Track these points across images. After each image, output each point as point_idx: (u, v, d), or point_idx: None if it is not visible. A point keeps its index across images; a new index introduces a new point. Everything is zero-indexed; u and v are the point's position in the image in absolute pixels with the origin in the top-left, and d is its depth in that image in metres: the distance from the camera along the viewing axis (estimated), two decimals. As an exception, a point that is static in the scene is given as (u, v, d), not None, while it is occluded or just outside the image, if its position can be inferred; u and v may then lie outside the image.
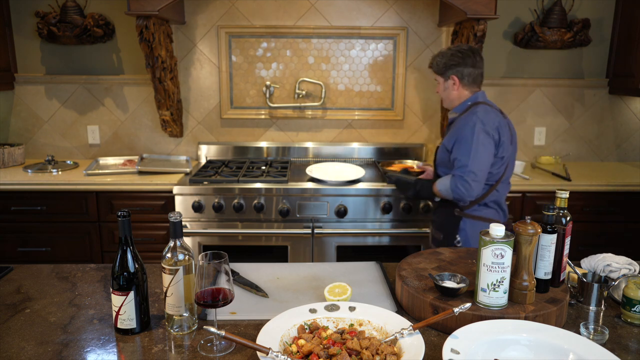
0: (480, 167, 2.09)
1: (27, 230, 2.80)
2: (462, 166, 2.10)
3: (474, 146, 2.07)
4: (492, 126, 2.10)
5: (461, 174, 2.10)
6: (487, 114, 2.12)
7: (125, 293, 1.24)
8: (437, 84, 2.34)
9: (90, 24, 3.03)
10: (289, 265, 1.77)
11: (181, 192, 2.72)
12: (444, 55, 2.25)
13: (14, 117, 3.30)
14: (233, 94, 3.31)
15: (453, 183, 2.13)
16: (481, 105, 2.16)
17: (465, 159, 2.09)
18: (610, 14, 3.25)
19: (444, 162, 2.26)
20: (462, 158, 2.10)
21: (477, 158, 2.08)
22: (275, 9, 3.19)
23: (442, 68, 2.25)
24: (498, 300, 1.27)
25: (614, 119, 3.40)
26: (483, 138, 2.08)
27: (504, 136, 2.12)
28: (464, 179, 2.09)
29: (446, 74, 2.25)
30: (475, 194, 2.11)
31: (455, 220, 2.23)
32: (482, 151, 2.08)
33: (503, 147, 2.13)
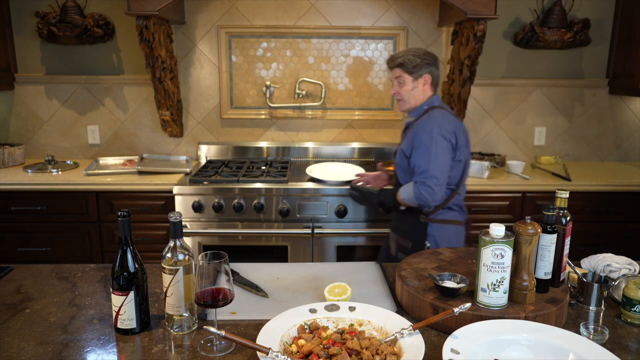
0: (441, 171, 2.08)
1: (27, 230, 2.80)
2: (423, 172, 2.08)
3: (433, 151, 2.06)
4: (449, 130, 2.10)
5: (423, 180, 2.08)
6: (444, 118, 2.12)
7: (125, 293, 1.24)
8: (399, 84, 2.21)
9: (90, 24, 3.03)
10: (289, 265, 1.77)
11: (181, 192, 2.72)
12: (416, 54, 2.17)
13: (14, 117, 3.30)
14: (233, 94, 3.31)
15: (416, 190, 2.09)
16: (437, 109, 2.15)
17: (425, 164, 2.08)
18: (610, 14, 3.25)
19: (403, 168, 2.22)
20: (422, 163, 2.08)
21: (437, 162, 2.07)
22: (275, 9, 3.19)
23: (416, 66, 2.17)
24: (498, 300, 1.27)
25: (614, 119, 3.40)
26: (441, 142, 2.07)
27: (460, 139, 2.13)
28: (427, 184, 2.07)
29: (419, 72, 2.17)
30: (439, 198, 2.09)
31: (422, 226, 2.20)
32: (441, 155, 2.07)
33: (460, 150, 2.14)
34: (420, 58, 2.16)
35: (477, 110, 3.36)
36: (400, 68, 2.18)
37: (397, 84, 2.21)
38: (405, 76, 2.18)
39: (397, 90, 2.22)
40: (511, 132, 3.41)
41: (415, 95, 2.20)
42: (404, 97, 2.22)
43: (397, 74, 2.19)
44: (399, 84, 2.20)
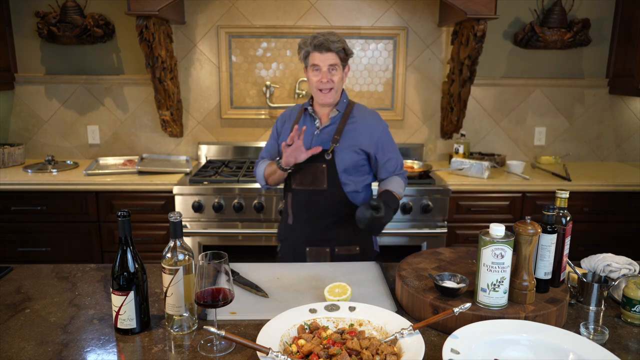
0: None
1: (27, 230, 2.80)
2: (400, 165, 2.04)
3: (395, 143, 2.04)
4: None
5: (403, 172, 2.06)
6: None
7: (125, 293, 1.24)
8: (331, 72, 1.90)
9: (90, 24, 3.03)
10: (289, 265, 1.77)
11: (181, 192, 2.72)
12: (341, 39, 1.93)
13: (14, 117, 3.30)
14: (233, 94, 3.31)
15: (404, 179, 2.04)
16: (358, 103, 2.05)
17: (399, 158, 2.04)
18: (610, 14, 3.25)
19: (355, 167, 1.97)
20: (397, 157, 2.03)
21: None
22: (275, 9, 3.19)
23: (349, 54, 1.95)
24: (498, 300, 1.27)
25: (614, 119, 3.40)
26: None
27: None
28: (405, 176, 2.07)
29: (347, 61, 1.97)
30: None
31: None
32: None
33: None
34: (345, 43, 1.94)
35: (477, 110, 3.36)
36: (337, 54, 1.91)
37: (329, 72, 1.91)
38: (339, 64, 1.93)
39: (330, 78, 1.91)
40: (511, 132, 3.41)
41: (342, 87, 1.99)
42: (336, 86, 1.93)
43: (331, 60, 1.90)
44: (331, 72, 1.91)
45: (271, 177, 2.00)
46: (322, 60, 1.90)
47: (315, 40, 1.90)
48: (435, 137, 3.41)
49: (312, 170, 1.95)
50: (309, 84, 1.96)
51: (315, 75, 1.93)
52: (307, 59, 1.95)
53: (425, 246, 2.81)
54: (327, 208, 1.97)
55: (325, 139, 1.97)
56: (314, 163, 1.93)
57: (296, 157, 1.86)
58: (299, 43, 1.96)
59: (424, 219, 2.77)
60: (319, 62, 1.90)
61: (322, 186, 1.96)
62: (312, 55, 1.92)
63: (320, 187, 1.96)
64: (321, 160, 1.94)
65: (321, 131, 1.98)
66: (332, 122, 1.98)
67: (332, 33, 1.94)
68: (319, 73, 1.91)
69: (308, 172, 1.95)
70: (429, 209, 2.75)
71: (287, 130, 2.03)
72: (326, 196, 1.96)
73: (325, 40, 1.89)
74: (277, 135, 2.10)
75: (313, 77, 1.93)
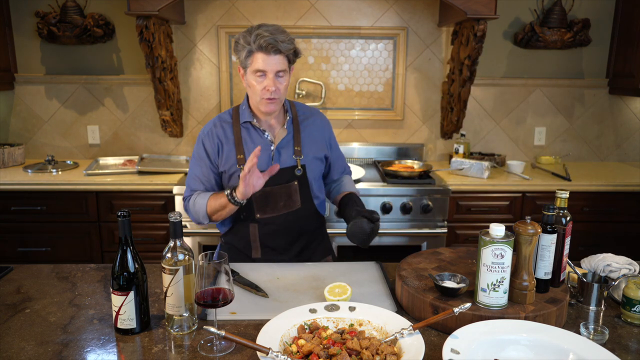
0: None
1: (27, 230, 2.80)
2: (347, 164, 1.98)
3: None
4: None
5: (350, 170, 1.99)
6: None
7: (125, 293, 1.24)
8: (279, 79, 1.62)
9: (90, 24, 3.03)
10: (289, 265, 1.77)
11: (181, 192, 2.72)
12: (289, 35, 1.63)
13: (14, 117, 3.30)
14: (233, 94, 3.31)
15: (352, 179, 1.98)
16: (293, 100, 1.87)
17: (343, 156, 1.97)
18: (610, 14, 3.25)
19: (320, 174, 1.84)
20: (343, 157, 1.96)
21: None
22: (275, 9, 3.19)
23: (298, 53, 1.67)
24: (498, 300, 1.27)
25: (614, 119, 3.40)
26: None
27: None
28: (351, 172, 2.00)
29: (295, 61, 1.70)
30: None
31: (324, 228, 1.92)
32: None
33: None
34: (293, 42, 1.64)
35: (477, 110, 3.36)
36: (286, 57, 1.61)
37: (276, 78, 1.61)
38: (287, 69, 1.64)
39: (277, 87, 1.62)
40: (511, 132, 3.41)
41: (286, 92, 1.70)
42: (281, 95, 1.65)
43: (280, 65, 1.59)
44: (279, 79, 1.62)
45: (218, 213, 1.68)
46: (269, 65, 1.58)
47: (261, 39, 1.55)
48: (435, 137, 3.41)
49: (284, 192, 1.71)
50: (249, 89, 1.66)
51: (259, 82, 1.61)
52: (248, 60, 1.61)
53: (425, 246, 2.81)
54: (301, 228, 1.76)
55: (285, 153, 1.72)
56: (283, 184, 1.70)
57: (254, 185, 1.55)
58: (237, 37, 1.62)
59: (424, 219, 2.77)
60: (264, 66, 1.58)
61: (295, 206, 1.74)
62: (255, 56, 1.59)
63: (294, 207, 1.73)
64: (291, 178, 1.71)
65: (278, 146, 1.72)
66: (288, 132, 1.74)
67: (278, 28, 1.59)
68: (264, 80, 1.60)
69: (279, 196, 1.71)
70: (429, 209, 2.75)
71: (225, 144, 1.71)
72: (299, 215, 1.75)
73: (273, 41, 1.55)
74: (209, 161, 1.73)
75: (256, 83, 1.62)
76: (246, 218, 1.75)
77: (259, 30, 1.56)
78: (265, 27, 1.58)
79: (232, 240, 1.83)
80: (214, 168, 1.74)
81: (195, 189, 1.77)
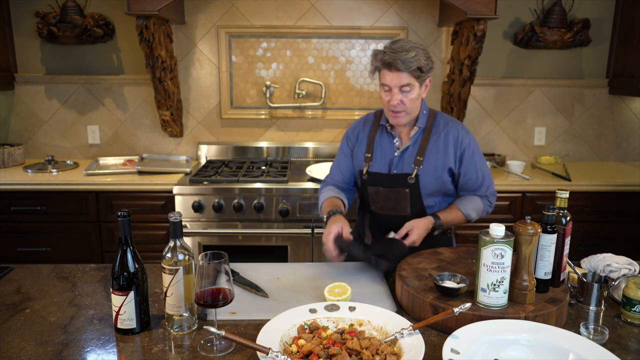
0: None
1: (27, 230, 2.80)
2: (490, 184, 1.86)
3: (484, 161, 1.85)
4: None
5: (493, 193, 1.88)
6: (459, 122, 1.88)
7: (125, 293, 1.24)
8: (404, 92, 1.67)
9: (90, 24, 3.03)
10: (289, 265, 1.77)
11: (181, 192, 2.72)
12: (424, 52, 1.68)
13: (14, 117, 3.30)
14: (233, 94, 3.31)
15: (486, 203, 1.86)
16: (438, 112, 1.87)
17: (489, 177, 1.85)
18: (610, 14, 3.25)
19: (440, 189, 1.82)
20: (487, 176, 1.84)
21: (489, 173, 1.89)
22: (275, 9, 3.19)
23: (429, 70, 1.70)
24: (498, 300, 1.27)
25: (614, 119, 3.40)
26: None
27: None
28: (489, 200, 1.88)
29: (427, 76, 1.72)
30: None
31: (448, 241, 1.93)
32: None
33: None
34: (428, 57, 1.69)
35: (477, 110, 3.36)
36: (411, 73, 1.65)
37: (400, 92, 1.67)
38: (415, 83, 1.68)
39: (401, 100, 1.69)
40: (511, 132, 3.41)
41: (418, 104, 1.77)
42: (407, 108, 1.71)
43: (403, 80, 1.65)
44: (404, 92, 1.68)
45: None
46: (392, 80, 1.66)
47: (385, 56, 1.63)
48: (435, 137, 3.40)
49: (394, 196, 1.78)
50: (381, 101, 1.76)
51: (385, 95, 1.71)
52: (377, 75, 1.73)
53: (425, 246, 2.81)
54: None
55: (407, 160, 1.78)
56: (395, 188, 1.77)
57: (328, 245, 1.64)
58: (371, 54, 1.72)
59: (424, 219, 2.77)
60: (388, 82, 1.67)
61: (405, 212, 1.80)
62: (382, 72, 1.69)
63: (403, 212, 1.79)
64: (403, 185, 1.76)
65: (402, 153, 1.79)
66: (413, 142, 1.78)
67: (405, 46, 1.62)
68: (389, 94, 1.69)
69: (389, 197, 1.79)
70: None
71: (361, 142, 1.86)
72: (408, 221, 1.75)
73: (394, 59, 1.61)
74: (349, 150, 1.89)
75: (383, 95, 1.72)
76: (363, 205, 1.94)
77: (385, 48, 1.67)
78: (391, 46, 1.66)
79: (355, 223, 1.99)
80: (351, 161, 1.91)
81: (331, 178, 1.97)
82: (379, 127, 1.87)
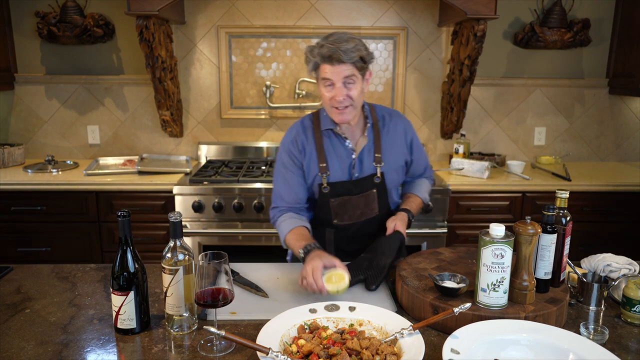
0: None
1: (27, 230, 2.80)
2: (428, 166, 1.90)
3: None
4: None
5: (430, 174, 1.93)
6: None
7: (125, 293, 1.24)
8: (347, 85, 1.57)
9: (90, 24, 3.03)
10: (289, 265, 1.77)
11: (181, 192, 2.72)
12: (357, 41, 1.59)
13: (14, 117, 3.30)
14: (233, 94, 3.31)
15: (431, 182, 1.91)
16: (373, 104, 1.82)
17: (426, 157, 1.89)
18: (610, 14, 3.25)
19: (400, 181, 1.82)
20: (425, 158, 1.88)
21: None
22: (275, 9, 3.19)
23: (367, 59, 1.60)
24: (498, 300, 1.27)
25: (614, 119, 3.40)
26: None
27: None
28: (432, 178, 1.95)
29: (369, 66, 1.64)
30: None
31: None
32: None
33: None
34: (367, 48, 1.62)
35: (477, 110, 3.36)
36: (354, 65, 1.56)
37: (344, 86, 1.57)
38: (358, 75, 1.59)
39: (347, 94, 1.58)
40: (511, 132, 3.41)
41: (362, 99, 1.67)
42: (354, 102, 1.61)
43: (346, 72, 1.55)
44: (347, 86, 1.58)
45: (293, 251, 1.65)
46: (335, 74, 1.55)
47: (324, 50, 1.53)
48: (435, 137, 3.41)
49: (362, 201, 1.70)
50: (322, 99, 1.64)
51: (328, 91, 1.59)
52: (317, 71, 1.61)
53: (425, 246, 2.81)
54: (377, 233, 1.73)
55: (366, 161, 1.71)
56: (363, 193, 1.69)
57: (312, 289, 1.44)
58: (305, 51, 1.62)
59: (424, 219, 2.77)
60: (330, 76, 1.56)
61: (373, 213, 1.74)
62: (321, 67, 1.58)
63: (371, 215, 1.73)
64: (370, 186, 1.70)
65: (360, 154, 1.70)
66: (369, 139, 1.71)
67: (343, 37, 1.55)
68: (332, 89, 1.58)
69: (357, 204, 1.70)
70: (429, 209, 2.75)
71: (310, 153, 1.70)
72: (376, 222, 1.74)
73: (335, 51, 1.52)
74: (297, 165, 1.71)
75: (325, 92, 1.60)
76: (323, 223, 1.76)
77: (322, 42, 1.56)
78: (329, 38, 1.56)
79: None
80: (302, 176, 1.73)
81: (282, 202, 1.75)
82: (324, 132, 1.71)
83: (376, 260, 1.57)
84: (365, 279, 1.51)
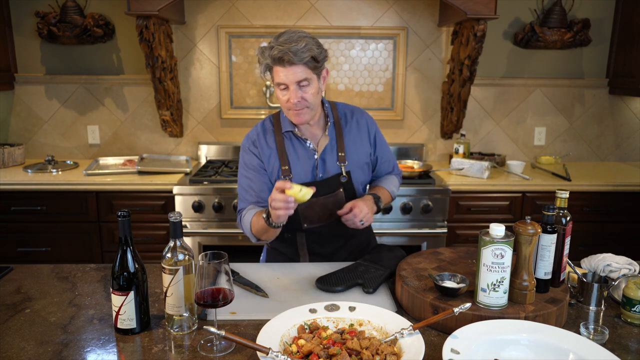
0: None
1: (27, 230, 2.80)
2: (396, 164, 1.89)
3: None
4: None
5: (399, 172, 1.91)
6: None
7: (125, 293, 1.24)
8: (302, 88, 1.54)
9: (90, 24, 3.03)
10: (289, 265, 1.77)
11: (181, 192, 2.72)
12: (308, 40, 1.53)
13: (14, 117, 3.30)
14: (233, 94, 3.31)
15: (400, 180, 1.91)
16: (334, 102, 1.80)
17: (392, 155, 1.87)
18: (610, 14, 3.25)
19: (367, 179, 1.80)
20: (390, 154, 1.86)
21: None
22: (275, 9, 3.19)
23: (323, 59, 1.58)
24: (498, 300, 1.27)
25: (614, 119, 3.40)
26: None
27: None
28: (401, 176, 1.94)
29: (323, 65, 1.60)
30: None
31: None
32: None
33: None
34: (320, 46, 1.57)
35: (477, 110, 3.36)
36: (306, 65, 1.52)
37: (299, 88, 1.54)
38: (312, 76, 1.55)
39: (301, 97, 1.55)
40: (511, 132, 3.41)
41: (319, 99, 1.64)
42: (310, 104, 1.57)
43: (299, 75, 1.51)
44: (302, 87, 1.54)
45: (264, 235, 1.62)
46: (287, 76, 1.51)
47: (273, 51, 1.49)
48: (435, 137, 3.41)
49: (330, 201, 1.66)
50: (279, 102, 1.61)
51: (282, 94, 1.56)
52: (269, 74, 1.58)
53: (425, 246, 2.81)
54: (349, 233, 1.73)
55: (329, 160, 1.69)
56: (329, 193, 1.66)
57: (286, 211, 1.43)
58: (257, 53, 1.58)
59: (424, 219, 2.77)
60: (284, 79, 1.52)
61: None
62: (274, 70, 1.54)
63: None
64: (337, 186, 1.67)
65: (322, 154, 1.68)
66: (330, 138, 1.69)
67: (293, 37, 1.50)
68: (287, 92, 1.55)
69: (326, 205, 1.66)
70: (429, 209, 2.75)
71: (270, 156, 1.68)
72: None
73: (285, 52, 1.47)
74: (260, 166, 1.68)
75: (280, 95, 1.57)
76: (293, 228, 1.72)
77: (272, 43, 1.52)
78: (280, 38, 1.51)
79: (278, 247, 1.80)
80: (265, 175, 1.69)
81: (246, 203, 1.69)
82: (284, 134, 1.69)
83: (374, 267, 1.58)
84: (362, 283, 1.51)
